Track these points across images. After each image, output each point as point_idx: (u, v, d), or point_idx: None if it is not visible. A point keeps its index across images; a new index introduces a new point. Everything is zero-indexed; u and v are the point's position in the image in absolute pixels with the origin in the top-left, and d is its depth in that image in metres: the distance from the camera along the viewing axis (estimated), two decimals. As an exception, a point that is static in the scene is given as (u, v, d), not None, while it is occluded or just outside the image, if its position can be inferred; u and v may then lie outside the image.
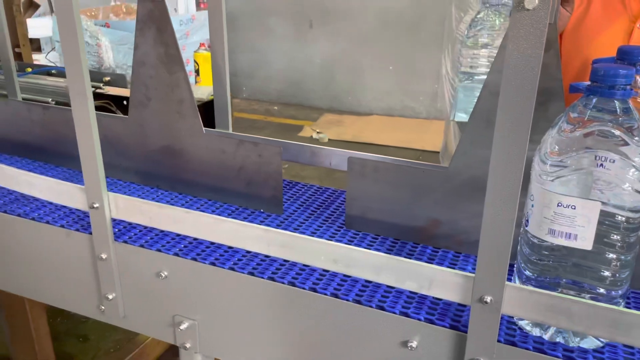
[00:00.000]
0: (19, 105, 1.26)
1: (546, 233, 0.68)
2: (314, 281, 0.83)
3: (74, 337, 2.19)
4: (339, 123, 5.20)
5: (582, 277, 0.70)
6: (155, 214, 0.92)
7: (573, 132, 0.65)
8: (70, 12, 0.81)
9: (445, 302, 0.78)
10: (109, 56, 4.76)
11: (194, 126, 1.07)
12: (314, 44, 5.54)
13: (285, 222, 1.03)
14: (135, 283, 0.98)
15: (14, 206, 1.06)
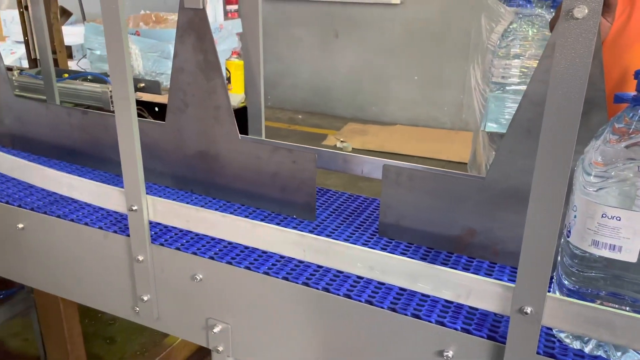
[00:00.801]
0: (59, 110, 1.29)
1: (589, 244, 0.68)
2: (348, 287, 0.83)
3: (102, 339, 2.22)
4: (363, 132, 5.21)
5: (623, 289, 0.69)
6: (192, 218, 0.94)
7: (618, 143, 0.65)
8: (117, 21, 0.83)
9: (482, 312, 0.77)
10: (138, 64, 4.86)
11: (230, 132, 1.08)
12: (340, 54, 5.56)
13: (318, 229, 1.03)
14: (170, 285, 0.99)
15: (53, 207, 1.09)
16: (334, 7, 5.44)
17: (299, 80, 5.82)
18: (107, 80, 1.68)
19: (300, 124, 5.52)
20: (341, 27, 5.50)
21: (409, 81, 5.28)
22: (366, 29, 5.35)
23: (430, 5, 4.98)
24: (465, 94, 5.05)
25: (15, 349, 2.23)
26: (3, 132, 1.38)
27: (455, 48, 4.96)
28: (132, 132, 0.89)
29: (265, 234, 0.88)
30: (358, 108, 5.63)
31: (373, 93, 5.55)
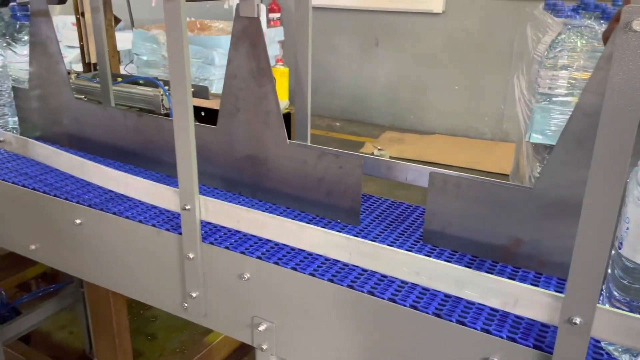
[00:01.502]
0: (115, 112, 1.36)
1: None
2: (393, 292, 0.84)
3: (143, 335, 2.29)
4: (401, 141, 5.19)
5: None
6: (242, 218, 0.97)
7: None
8: (179, 30, 0.87)
9: (528, 321, 0.77)
10: (182, 69, 4.99)
11: (278, 137, 1.11)
12: (379, 62, 5.58)
13: (362, 234, 1.05)
14: (218, 283, 1.03)
15: (109, 205, 1.14)
16: (374, 15, 5.46)
17: (337, 88, 5.86)
18: (158, 84, 1.74)
19: (337, 132, 5.55)
20: (381, 36, 5.52)
21: (449, 91, 5.25)
22: (407, 37, 5.35)
23: (473, 15, 4.95)
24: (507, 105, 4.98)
25: (61, 342, 2.32)
26: (62, 132, 1.45)
27: (497, 58, 4.91)
28: (188, 135, 0.94)
29: (312, 236, 0.90)
30: (396, 116, 5.63)
31: (411, 102, 5.54)
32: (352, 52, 5.68)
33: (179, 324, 2.34)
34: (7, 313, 1.98)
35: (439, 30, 5.15)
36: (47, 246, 1.27)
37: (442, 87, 5.29)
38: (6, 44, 1.55)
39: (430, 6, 5.11)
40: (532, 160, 1.82)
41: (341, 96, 5.87)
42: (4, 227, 1.33)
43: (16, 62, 1.57)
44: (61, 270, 1.28)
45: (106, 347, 1.45)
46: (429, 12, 5.13)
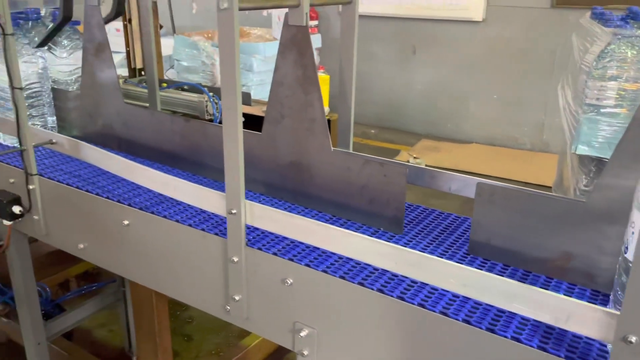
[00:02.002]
0: (163, 117, 1.39)
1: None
2: (444, 305, 0.83)
3: (180, 335, 2.32)
4: (437, 149, 5.14)
5: None
6: (288, 224, 0.98)
7: None
8: (232, 39, 0.89)
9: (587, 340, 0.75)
10: (221, 75, 5.08)
11: (323, 144, 1.12)
12: (416, 70, 5.55)
13: (409, 245, 1.04)
14: (261, 287, 1.04)
15: (160, 207, 1.17)
16: (412, 23, 5.44)
17: (373, 95, 5.85)
18: (203, 90, 1.78)
19: (372, 139, 5.54)
20: (419, 43, 5.49)
21: (488, 99, 5.17)
22: (445, 45, 5.30)
23: (514, 23, 4.87)
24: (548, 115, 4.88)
25: (101, 339, 2.38)
26: (111, 135, 1.50)
27: (538, 67, 4.81)
28: (237, 140, 0.95)
29: (357, 243, 0.90)
30: (432, 125, 5.58)
31: (449, 110, 5.48)
32: (388, 60, 5.67)
33: (215, 325, 2.37)
34: (51, 309, 2.05)
35: (478, 39, 5.09)
36: (95, 246, 1.31)
37: (480, 96, 5.22)
38: (47, 47, 1.62)
39: (470, 14, 5.05)
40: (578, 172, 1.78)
41: (376, 103, 5.86)
42: (55, 226, 1.38)
43: (56, 65, 1.63)
44: (107, 269, 1.32)
45: (147, 347, 1.48)
46: (468, 20, 5.08)
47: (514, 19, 4.87)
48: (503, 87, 5.07)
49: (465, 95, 5.32)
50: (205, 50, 5.16)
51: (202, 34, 5.55)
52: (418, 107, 5.64)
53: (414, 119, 5.69)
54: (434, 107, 5.54)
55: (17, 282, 1.64)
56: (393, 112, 5.80)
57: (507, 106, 5.11)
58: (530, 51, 4.85)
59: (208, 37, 5.51)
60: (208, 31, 5.73)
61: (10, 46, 1.23)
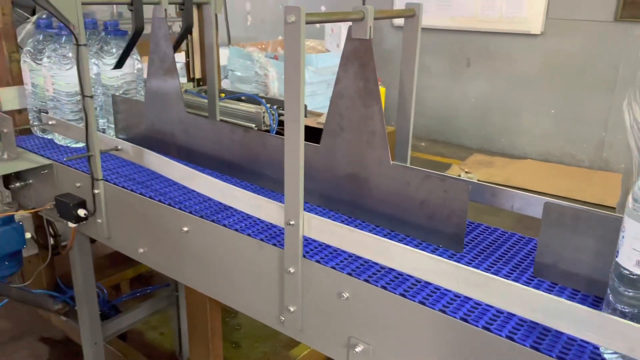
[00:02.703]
0: (223, 127, 1.42)
1: (634, 264, 0.71)
2: (511, 329, 0.80)
3: (228, 342, 2.35)
4: (490, 164, 5.02)
5: None
6: (346, 237, 0.98)
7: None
8: (298, 49, 0.90)
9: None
10: (274, 86, 5.16)
11: (382, 157, 1.11)
12: (470, 83, 5.45)
13: (470, 265, 1.01)
14: (316, 300, 1.03)
15: (218, 216, 1.19)
16: (467, 35, 5.36)
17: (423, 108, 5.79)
18: (261, 102, 1.80)
19: (422, 152, 5.47)
20: (474, 56, 5.40)
21: (545, 114, 5.02)
22: (501, 58, 5.19)
23: (574, 37, 4.72)
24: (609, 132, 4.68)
25: (153, 341, 2.43)
26: (172, 142, 1.54)
27: (599, 82, 4.64)
28: (298, 152, 0.96)
29: (418, 260, 0.89)
30: (485, 139, 5.46)
31: (503, 124, 5.35)
32: (441, 72, 5.60)
33: (263, 334, 2.39)
34: (107, 310, 2.12)
35: (536, 52, 4.96)
36: (154, 250, 1.34)
37: (536, 111, 5.07)
38: (98, 55, 1.69)
39: (528, 27, 4.94)
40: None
41: (427, 116, 5.79)
42: (117, 229, 1.43)
43: (105, 72, 1.70)
44: (165, 274, 1.35)
45: (200, 352, 1.50)
46: (526, 33, 4.96)
47: (575, 32, 4.72)
48: (561, 102, 4.91)
49: (520, 109, 5.19)
50: (259, 61, 5.27)
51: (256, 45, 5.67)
52: (471, 121, 5.54)
53: (466, 132, 5.59)
54: (487, 120, 5.42)
55: (78, 282, 1.71)
56: (444, 125, 5.72)
57: (565, 122, 4.94)
58: (591, 66, 4.69)
59: (262, 49, 5.62)
60: (262, 42, 5.84)
61: (83, 56, 1.29)
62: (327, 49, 5.68)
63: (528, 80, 5.07)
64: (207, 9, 1.54)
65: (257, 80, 5.28)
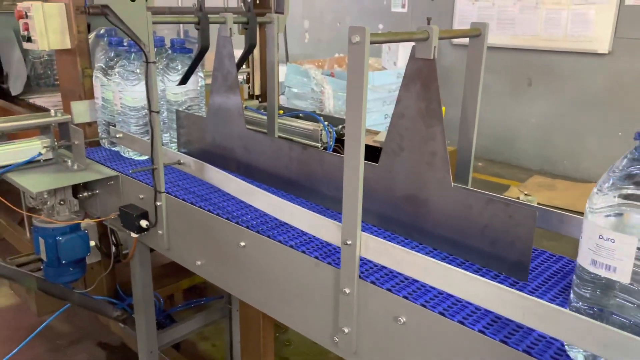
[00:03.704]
0: (282, 143, 1.43)
1: (589, 263, 0.75)
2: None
3: (278, 358, 2.35)
4: (551, 187, 4.83)
5: (626, 313, 0.73)
6: (404, 260, 0.95)
7: (621, 173, 0.74)
8: (361, 69, 0.90)
9: None
10: (329, 103, 5.20)
11: (443, 179, 1.09)
12: (531, 102, 5.29)
13: (534, 295, 0.97)
14: (372, 322, 1.01)
15: (275, 232, 1.20)
16: (529, 54, 5.22)
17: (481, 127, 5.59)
18: (318, 119, 1.82)
19: (479, 172, 5.33)
20: (535, 75, 5.24)
21: (611, 137, 4.79)
22: (564, 77, 5.02)
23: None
24: (683, 156, 4.40)
25: (205, 353, 2.47)
26: (232, 157, 1.57)
27: (672, 103, 4.39)
28: (358, 171, 0.95)
29: (480, 287, 0.85)
30: (546, 160, 5.26)
31: (565, 146, 5.14)
32: (501, 91, 5.47)
33: (313, 351, 2.37)
34: (162, 319, 2.16)
35: (603, 72, 4.76)
36: (211, 263, 1.36)
37: (602, 133, 4.85)
38: (164, 72, 1.75)
39: (594, 46, 4.75)
40: None
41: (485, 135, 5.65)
42: (176, 241, 1.46)
43: (170, 88, 1.76)
44: (222, 287, 1.37)
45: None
46: (592, 52, 4.77)
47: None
48: (629, 124, 4.67)
49: (585, 131, 4.98)
50: (316, 78, 5.33)
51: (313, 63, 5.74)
52: (531, 142, 5.36)
53: (526, 153, 5.41)
54: (549, 142, 5.23)
55: (137, 291, 1.76)
56: (503, 145, 5.57)
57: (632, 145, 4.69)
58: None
59: (319, 66, 5.68)
60: (319, 60, 5.91)
61: (152, 73, 1.34)
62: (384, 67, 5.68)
63: (593, 100, 4.87)
64: (269, 28, 1.58)
65: (312, 97, 5.34)
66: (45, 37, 1.77)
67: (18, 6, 1.82)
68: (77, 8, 1.77)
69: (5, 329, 2.61)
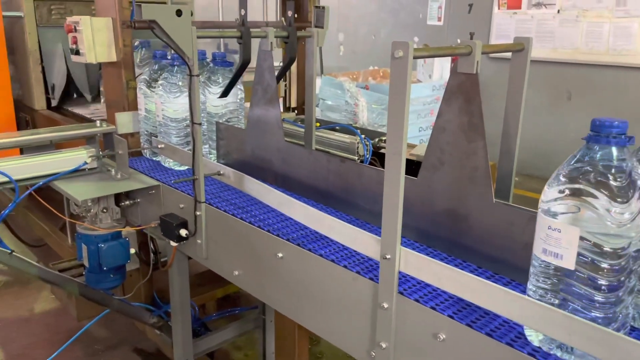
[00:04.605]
0: (320, 156, 1.44)
1: (540, 252, 0.83)
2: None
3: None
4: (591, 204, 4.69)
5: (574, 298, 0.80)
6: (445, 276, 0.94)
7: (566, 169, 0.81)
8: (404, 83, 0.90)
9: None
10: (363, 115, 5.20)
11: (485, 194, 1.07)
12: (570, 116, 5.18)
13: (576, 312, 0.94)
14: (410, 338, 1.00)
15: (315, 245, 1.20)
16: (568, 68, 5.11)
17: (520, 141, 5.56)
18: (355, 132, 1.82)
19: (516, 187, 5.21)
20: (575, 89, 5.13)
21: (655, 152, 4.63)
22: (606, 91, 4.89)
23: (692, 70, 4.36)
24: None
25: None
26: (270, 169, 1.59)
27: None
28: (398, 186, 0.95)
29: (524, 307, 0.83)
30: (586, 176, 5.12)
31: (606, 162, 5.00)
32: (539, 105, 5.37)
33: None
34: (198, 327, 2.19)
35: (648, 84, 4.62)
36: (248, 274, 1.38)
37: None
38: (205, 85, 1.78)
39: (637, 60, 4.62)
40: None
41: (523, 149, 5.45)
42: (214, 251, 1.48)
43: (211, 100, 1.79)
44: (258, 298, 1.38)
45: (285, 377, 1.51)
46: (634, 66, 4.64)
47: (693, 64, 4.36)
48: (675, 140, 4.51)
49: (627, 146, 4.82)
50: (350, 90, 5.35)
51: (347, 75, 5.76)
52: (570, 156, 5.23)
53: (565, 168, 5.27)
54: (588, 157, 5.08)
55: (175, 298, 1.79)
56: (541, 160, 5.45)
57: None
58: None
59: (353, 78, 5.70)
60: (353, 72, 5.93)
61: (195, 86, 1.37)
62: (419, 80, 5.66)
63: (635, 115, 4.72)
64: (309, 42, 1.59)
65: (346, 109, 5.36)
66: (93, 50, 1.84)
67: (67, 20, 1.90)
68: (124, 22, 1.83)
69: (46, 332, 2.68)
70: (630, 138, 0.77)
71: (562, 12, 5.08)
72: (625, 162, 0.76)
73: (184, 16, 1.31)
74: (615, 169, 0.76)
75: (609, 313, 0.78)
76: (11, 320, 2.80)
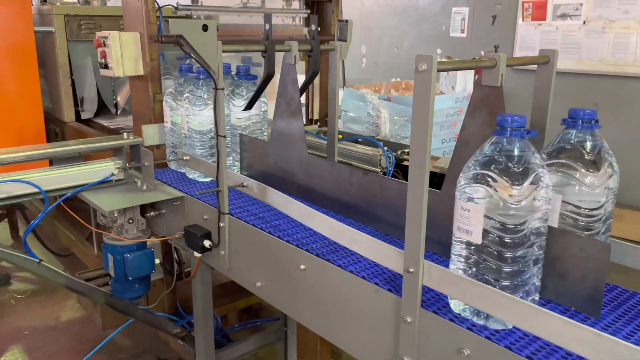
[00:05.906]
0: (342, 168, 1.44)
1: (457, 229, 0.96)
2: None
3: (331, 382, 2.32)
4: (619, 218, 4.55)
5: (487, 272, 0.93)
6: (469, 290, 0.93)
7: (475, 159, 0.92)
8: (427, 97, 0.90)
9: None
10: (386, 127, 5.19)
11: (509, 208, 1.06)
12: (597, 129, 5.08)
13: (607, 332, 0.92)
14: (434, 353, 0.99)
15: (334, 256, 1.20)
16: (594, 79, 5.04)
17: (544, 154, 5.48)
18: (378, 144, 1.82)
19: (541, 200, 5.14)
20: (601, 101, 5.05)
21: (687, 166, 4.51)
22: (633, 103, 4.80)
23: None
24: None
25: (258, 373, 2.48)
26: (293, 181, 1.60)
27: None
28: (422, 199, 0.94)
29: (550, 323, 0.82)
30: (614, 190, 5.01)
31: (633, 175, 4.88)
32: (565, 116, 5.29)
33: (366, 379, 2.33)
34: (220, 338, 2.20)
35: (678, 97, 4.52)
36: (271, 285, 1.38)
37: (677, 161, 4.58)
38: (229, 97, 1.80)
39: (666, 70, 4.53)
40: None
41: (548, 163, 5.46)
42: (237, 262, 1.49)
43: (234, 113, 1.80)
44: (281, 310, 1.38)
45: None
46: (664, 76, 4.55)
47: None
48: None
49: (657, 159, 4.72)
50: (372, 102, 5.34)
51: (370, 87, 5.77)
52: (597, 169, 5.12)
53: (592, 181, 5.16)
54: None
55: (198, 309, 1.80)
56: (566, 173, 5.35)
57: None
58: None
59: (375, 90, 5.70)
60: (375, 84, 5.94)
61: (220, 99, 1.39)
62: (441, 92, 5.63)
63: (666, 127, 4.62)
64: (332, 55, 1.61)
65: (368, 121, 5.35)
66: (121, 64, 1.89)
67: (97, 35, 1.95)
68: (151, 37, 1.88)
69: (71, 341, 2.72)
70: (530, 131, 0.90)
71: (588, 23, 5.02)
72: (526, 152, 0.89)
73: (209, 31, 1.33)
74: (513, 157, 0.89)
75: (515, 282, 0.91)
76: (38, 328, 2.86)
